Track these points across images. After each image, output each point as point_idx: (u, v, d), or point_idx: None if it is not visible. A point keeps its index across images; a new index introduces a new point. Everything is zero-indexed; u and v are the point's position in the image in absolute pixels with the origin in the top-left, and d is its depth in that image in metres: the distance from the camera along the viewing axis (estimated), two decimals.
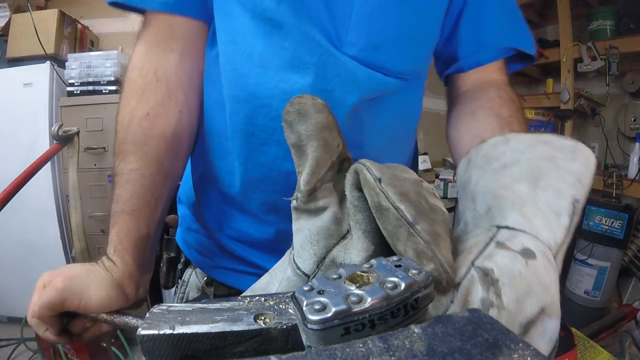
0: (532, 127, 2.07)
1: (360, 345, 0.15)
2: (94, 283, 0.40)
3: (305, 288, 0.21)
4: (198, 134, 0.53)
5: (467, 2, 0.53)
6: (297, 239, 0.30)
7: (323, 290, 0.20)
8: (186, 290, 0.61)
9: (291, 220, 0.50)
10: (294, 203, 0.30)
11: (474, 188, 0.30)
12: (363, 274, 0.21)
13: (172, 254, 0.63)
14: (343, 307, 0.18)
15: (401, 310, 0.19)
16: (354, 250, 0.28)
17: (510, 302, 0.22)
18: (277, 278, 0.31)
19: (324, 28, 0.43)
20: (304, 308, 0.19)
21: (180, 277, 0.63)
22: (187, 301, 0.59)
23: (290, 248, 0.31)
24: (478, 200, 0.29)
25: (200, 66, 0.50)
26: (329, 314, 0.18)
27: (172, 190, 0.49)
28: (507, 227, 0.26)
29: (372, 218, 0.27)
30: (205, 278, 0.59)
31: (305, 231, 0.29)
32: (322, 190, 0.29)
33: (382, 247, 0.27)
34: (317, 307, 0.19)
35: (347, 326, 0.18)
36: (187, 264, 0.63)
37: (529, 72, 2.30)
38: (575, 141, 0.29)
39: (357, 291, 0.19)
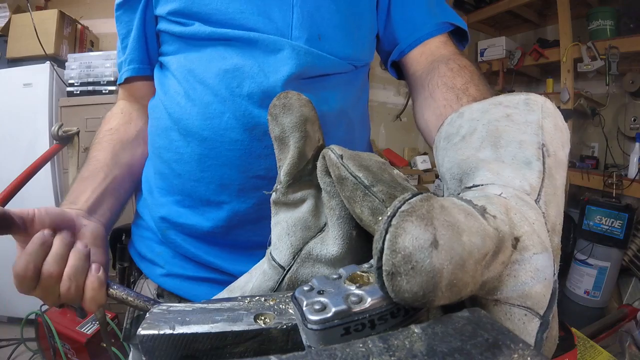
0: None
1: (360, 345, 0.15)
2: None
3: (305, 288, 0.21)
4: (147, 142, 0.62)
5: None
6: (274, 232, 0.30)
7: (323, 290, 0.20)
8: None
9: (242, 200, 0.51)
10: (273, 196, 0.31)
11: (442, 170, 0.30)
12: (363, 274, 0.21)
13: (125, 264, 0.64)
14: (343, 307, 0.18)
15: (401, 311, 0.19)
16: (330, 240, 0.28)
17: (498, 213, 0.21)
18: (254, 275, 0.31)
19: (267, 34, 0.50)
20: (304, 308, 0.19)
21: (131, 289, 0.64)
22: (137, 317, 0.59)
23: (268, 245, 0.32)
24: (447, 179, 0.29)
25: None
26: (329, 314, 0.18)
27: (123, 177, 0.59)
28: (474, 186, 0.25)
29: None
30: (156, 290, 0.59)
31: (283, 223, 0.30)
32: (301, 183, 0.30)
33: (359, 236, 0.28)
34: (317, 307, 0.19)
35: (347, 326, 0.18)
36: (139, 275, 0.63)
37: (529, 72, 2.30)
38: (526, 93, 0.29)
39: (357, 291, 0.19)
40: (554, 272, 0.21)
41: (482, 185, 0.24)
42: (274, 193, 0.31)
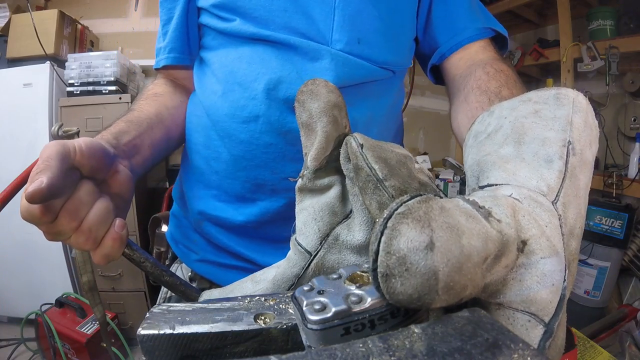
0: None
1: (360, 345, 0.15)
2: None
3: (305, 288, 0.21)
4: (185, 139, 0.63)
5: None
6: (299, 219, 0.30)
7: (323, 290, 0.20)
8: None
9: (274, 199, 0.53)
10: (299, 183, 0.30)
11: (465, 168, 0.30)
12: (363, 273, 0.21)
13: (162, 249, 0.68)
14: (343, 307, 0.18)
15: (401, 311, 0.19)
16: (356, 226, 0.28)
17: (503, 217, 0.20)
18: (279, 264, 0.32)
19: (308, 36, 0.51)
20: (304, 308, 0.19)
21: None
22: (169, 297, 0.61)
23: (292, 232, 0.31)
24: (468, 176, 0.28)
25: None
26: (329, 314, 0.18)
27: (161, 139, 0.57)
28: (488, 185, 0.24)
29: None
30: (190, 273, 0.62)
31: (309, 209, 0.30)
32: (328, 169, 0.30)
33: None
34: (317, 307, 0.19)
35: (347, 326, 0.18)
36: (173, 259, 0.66)
37: (529, 72, 2.30)
38: (557, 87, 0.28)
39: (357, 291, 0.19)
40: (564, 277, 0.20)
41: (495, 185, 0.24)
42: (300, 179, 0.30)
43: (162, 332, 0.23)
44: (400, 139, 0.68)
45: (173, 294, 0.61)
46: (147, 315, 0.25)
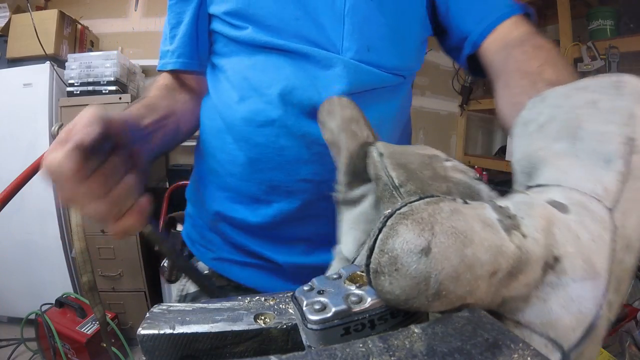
0: None
1: (360, 345, 0.15)
2: None
3: (305, 288, 0.21)
4: (199, 138, 0.63)
5: None
6: (339, 229, 0.31)
7: (323, 290, 0.20)
8: (185, 284, 0.64)
9: (289, 200, 0.54)
10: (336, 197, 0.31)
11: (513, 160, 0.27)
12: (363, 273, 0.21)
13: (177, 249, 0.68)
14: (343, 307, 0.18)
15: (401, 311, 0.19)
16: None
17: (531, 231, 0.18)
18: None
19: (318, 43, 0.52)
20: (304, 308, 0.19)
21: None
22: (185, 295, 0.62)
23: (337, 244, 0.32)
24: (517, 171, 0.26)
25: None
26: (329, 314, 0.18)
27: (172, 131, 0.57)
28: (537, 186, 0.22)
29: None
30: (207, 271, 0.63)
31: (347, 220, 0.31)
32: (360, 180, 0.30)
33: None
34: (317, 307, 0.19)
35: (347, 326, 0.18)
36: (190, 257, 0.66)
37: None
38: (618, 74, 0.24)
39: (357, 291, 0.19)
40: (599, 305, 0.18)
41: (546, 185, 0.21)
42: (337, 194, 0.31)
43: (162, 332, 0.23)
44: (407, 139, 0.68)
45: (188, 293, 0.63)
46: (147, 315, 0.25)
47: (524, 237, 0.18)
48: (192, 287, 0.63)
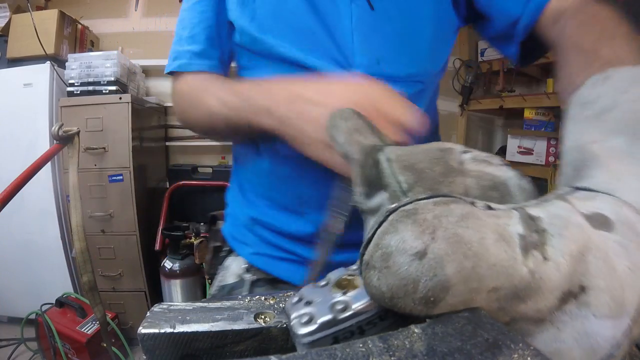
0: (532, 127, 2.06)
1: (360, 345, 0.15)
2: None
3: (294, 300, 0.21)
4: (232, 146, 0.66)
5: None
6: (365, 237, 0.31)
7: (311, 301, 0.20)
8: (224, 276, 0.66)
9: (321, 212, 0.54)
10: (359, 207, 0.32)
11: (564, 146, 0.24)
12: (349, 277, 0.21)
13: (218, 244, 0.71)
14: (328, 317, 0.18)
15: (389, 313, 0.18)
16: None
17: (557, 254, 0.16)
18: None
19: (336, 60, 0.52)
20: (292, 322, 0.19)
21: (221, 264, 0.69)
22: (224, 285, 0.64)
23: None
24: (567, 160, 0.23)
25: None
26: (315, 326, 0.18)
27: None
28: (586, 189, 0.19)
29: None
30: (245, 265, 0.64)
31: (368, 228, 0.31)
32: (376, 188, 0.30)
33: None
34: (304, 320, 0.19)
35: (336, 335, 0.18)
36: (229, 252, 0.68)
37: (529, 72, 2.30)
38: None
39: (342, 298, 0.19)
40: (616, 344, 0.16)
41: (592, 190, 0.19)
42: (358, 205, 0.32)
43: (162, 331, 0.23)
44: (437, 136, 0.67)
45: (227, 284, 0.64)
46: (148, 314, 0.25)
47: (545, 259, 0.16)
48: (230, 279, 0.65)
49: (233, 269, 0.66)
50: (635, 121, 0.21)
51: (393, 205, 0.17)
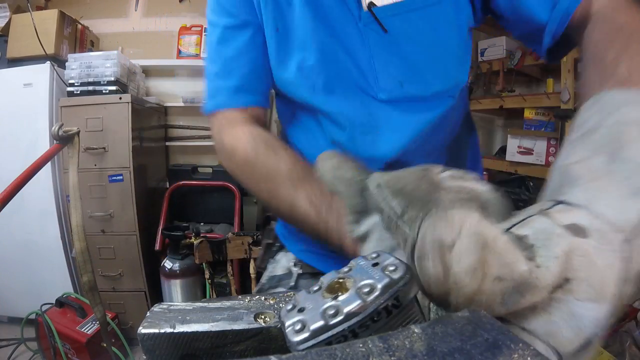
0: (532, 127, 2.06)
1: (360, 345, 0.15)
2: None
3: (288, 307, 0.21)
4: None
5: None
6: None
7: (303, 308, 0.20)
8: (275, 268, 0.70)
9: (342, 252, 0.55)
10: (351, 236, 0.34)
11: (554, 164, 0.27)
12: (340, 280, 0.21)
13: (270, 241, 0.76)
14: (320, 323, 0.19)
15: (382, 314, 0.19)
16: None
17: (546, 260, 0.20)
18: None
19: (361, 87, 0.53)
20: (286, 330, 0.19)
21: (272, 258, 0.74)
22: (273, 276, 0.69)
23: None
24: (552, 178, 0.26)
25: None
26: (307, 334, 0.19)
27: None
28: (563, 203, 0.22)
29: None
30: (294, 260, 0.68)
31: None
32: (360, 215, 0.32)
33: None
34: (297, 327, 0.19)
35: (329, 341, 0.18)
36: (280, 248, 0.73)
37: (529, 72, 2.30)
38: None
39: (333, 303, 0.19)
40: (600, 325, 0.20)
41: (574, 205, 0.22)
42: (349, 234, 0.34)
43: (162, 331, 0.23)
44: (475, 139, 0.68)
45: (276, 275, 0.69)
46: (148, 314, 0.25)
47: (538, 267, 0.20)
48: (279, 271, 0.69)
49: (283, 262, 0.70)
50: (614, 145, 0.23)
51: (436, 211, 0.21)
